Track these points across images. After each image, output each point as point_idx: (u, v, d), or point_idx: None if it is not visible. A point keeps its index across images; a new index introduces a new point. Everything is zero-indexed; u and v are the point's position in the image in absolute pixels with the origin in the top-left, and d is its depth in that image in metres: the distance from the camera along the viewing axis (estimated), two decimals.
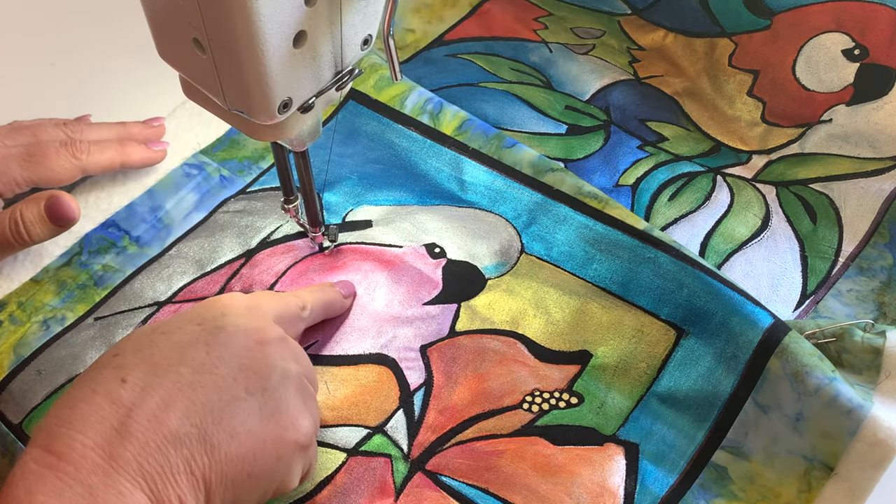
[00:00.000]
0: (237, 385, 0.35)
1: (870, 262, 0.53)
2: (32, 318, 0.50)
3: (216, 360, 0.35)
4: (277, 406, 0.36)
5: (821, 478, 0.42)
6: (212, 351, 0.36)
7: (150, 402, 0.33)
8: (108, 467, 0.31)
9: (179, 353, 0.35)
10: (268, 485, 0.36)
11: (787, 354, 0.44)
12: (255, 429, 0.35)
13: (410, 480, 0.44)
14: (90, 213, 0.55)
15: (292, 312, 0.43)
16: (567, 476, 0.43)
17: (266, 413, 0.36)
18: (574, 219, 0.53)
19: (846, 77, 0.58)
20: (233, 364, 0.36)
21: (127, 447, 0.32)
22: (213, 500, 0.34)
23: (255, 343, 0.37)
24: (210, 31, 0.33)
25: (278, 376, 0.37)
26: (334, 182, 0.57)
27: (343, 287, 0.49)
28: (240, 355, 0.36)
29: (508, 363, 0.48)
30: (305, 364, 0.40)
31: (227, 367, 0.35)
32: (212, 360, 0.35)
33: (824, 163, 0.58)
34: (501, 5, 0.69)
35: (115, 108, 0.60)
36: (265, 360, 0.37)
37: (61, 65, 0.59)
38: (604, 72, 0.64)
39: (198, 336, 0.36)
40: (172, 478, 0.33)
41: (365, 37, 0.39)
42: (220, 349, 0.36)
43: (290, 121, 0.39)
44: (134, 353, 0.35)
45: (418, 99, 0.59)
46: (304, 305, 0.45)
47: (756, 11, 0.61)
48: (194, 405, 0.34)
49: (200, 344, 0.36)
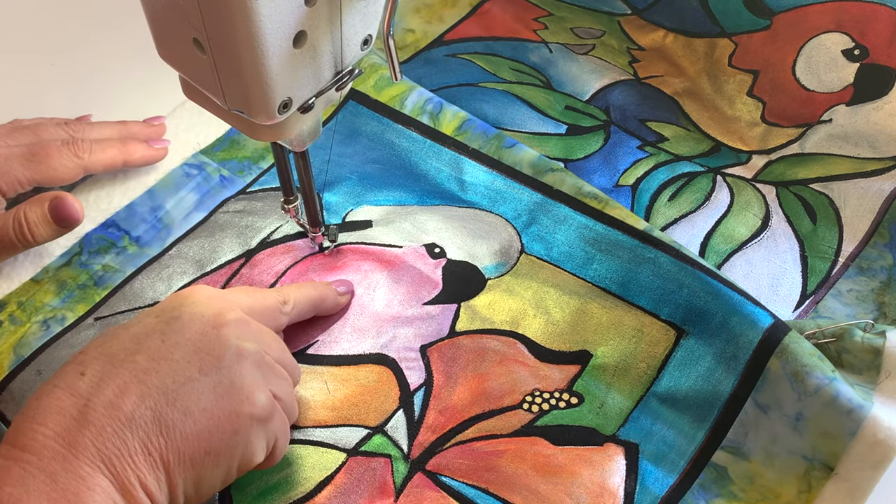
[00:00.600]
0: (191, 367, 0.36)
1: (870, 262, 0.53)
2: (32, 318, 0.50)
3: (171, 346, 0.37)
4: (231, 382, 0.37)
5: (821, 478, 0.42)
6: (167, 339, 0.37)
7: (106, 391, 0.35)
8: (68, 454, 0.33)
9: (136, 343, 0.37)
10: (229, 461, 0.37)
11: (787, 354, 0.44)
12: (209, 406, 0.36)
13: (410, 480, 0.44)
14: (90, 213, 0.55)
15: (269, 306, 0.43)
16: (567, 476, 0.43)
17: (220, 391, 0.37)
18: (574, 219, 0.53)
19: (846, 77, 0.58)
20: (187, 348, 0.37)
21: (85, 434, 0.34)
22: (174, 479, 0.35)
23: (211, 328, 0.38)
24: (210, 31, 0.33)
25: (232, 354, 0.37)
26: (334, 182, 0.57)
27: (340, 284, 0.49)
28: (194, 340, 0.37)
29: (508, 363, 0.48)
30: (274, 347, 0.40)
31: (181, 351, 0.37)
32: (167, 346, 0.37)
33: (824, 163, 0.58)
34: (501, 5, 0.69)
35: (116, 107, 0.60)
36: (219, 340, 0.38)
37: (61, 65, 0.59)
38: (604, 72, 0.64)
39: (154, 326, 0.38)
40: (130, 459, 0.34)
41: (365, 37, 0.39)
42: (174, 336, 0.37)
43: (290, 121, 0.39)
44: (95, 349, 0.37)
45: (418, 99, 0.59)
46: (286, 300, 0.45)
47: (756, 11, 0.61)
48: (149, 389, 0.35)
49: (156, 333, 0.37)
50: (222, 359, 0.37)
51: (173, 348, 0.37)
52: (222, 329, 0.38)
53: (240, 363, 0.38)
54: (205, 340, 0.37)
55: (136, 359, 0.36)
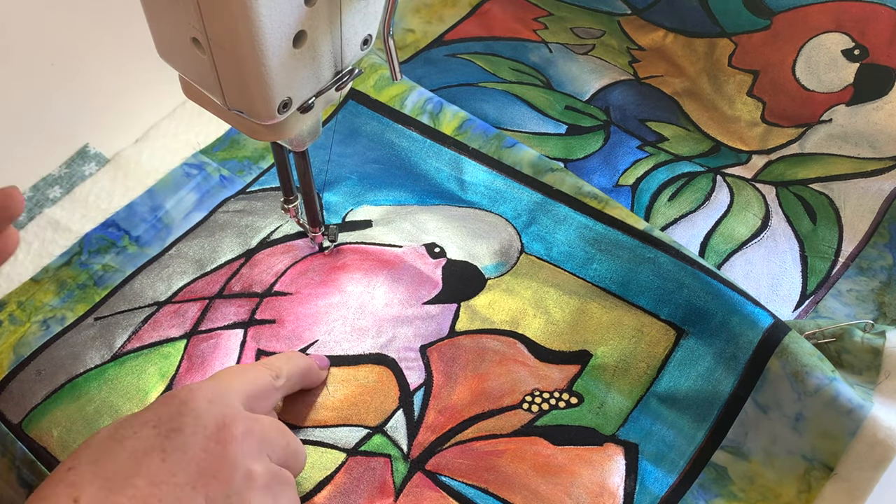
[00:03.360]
0: (196, 494, 0.33)
1: (870, 262, 0.53)
2: (32, 318, 0.50)
3: (173, 466, 0.33)
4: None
5: (821, 478, 0.42)
6: (168, 457, 0.33)
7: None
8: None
9: (135, 462, 0.33)
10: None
11: (787, 354, 0.44)
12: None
13: (410, 480, 0.44)
14: (90, 213, 0.55)
15: (264, 386, 0.41)
16: (567, 476, 0.43)
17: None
18: (574, 219, 0.53)
19: (846, 77, 0.58)
20: (191, 470, 0.33)
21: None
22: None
23: (216, 443, 0.35)
24: (210, 31, 0.33)
25: (241, 478, 0.34)
26: (334, 182, 0.57)
27: (317, 360, 0.47)
28: (198, 459, 0.34)
29: (508, 363, 0.48)
30: (279, 444, 0.38)
31: (184, 474, 0.33)
32: (168, 467, 0.33)
33: (824, 163, 0.58)
34: (501, 5, 0.69)
35: (116, 107, 0.60)
36: (226, 460, 0.34)
37: (61, 65, 0.59)
38: (604, 72, 0.64)
39: (153, 441, 0.34)
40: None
41: (365, 37, 0.39)
42: (176, 454, 0.34)
43: (290, 121, 0.39)
44: (88, 466, 0.33)
45: (418, 99, 0.59)
46: (279, 374, 0.42)
47: (756, 11, 0.61)
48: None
49: (156, 450, 0.34)
50: (231, 483, 0.34)
51: (176, 469, 0.33)
52: (229, 446, 0.35)
53: (249, 489, 0.34)
54: (210, 460, 0.34)
55: (136, 483, 0.32)
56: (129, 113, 0.59)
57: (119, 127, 0.60)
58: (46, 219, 0.55)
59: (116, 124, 0.60)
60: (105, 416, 0.45)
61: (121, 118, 0.58)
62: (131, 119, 0.59)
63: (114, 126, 0.60)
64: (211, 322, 0.49)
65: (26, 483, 0.45)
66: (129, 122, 0.60)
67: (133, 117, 0.59)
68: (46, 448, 0.45)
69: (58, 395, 0.46)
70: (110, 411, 0.45)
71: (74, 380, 0.47)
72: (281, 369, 0.42)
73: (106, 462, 0.33)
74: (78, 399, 0.46)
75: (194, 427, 0.35)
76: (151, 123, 0.61)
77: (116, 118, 0.58)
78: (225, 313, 0.50)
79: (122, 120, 0.59)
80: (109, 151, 0.59)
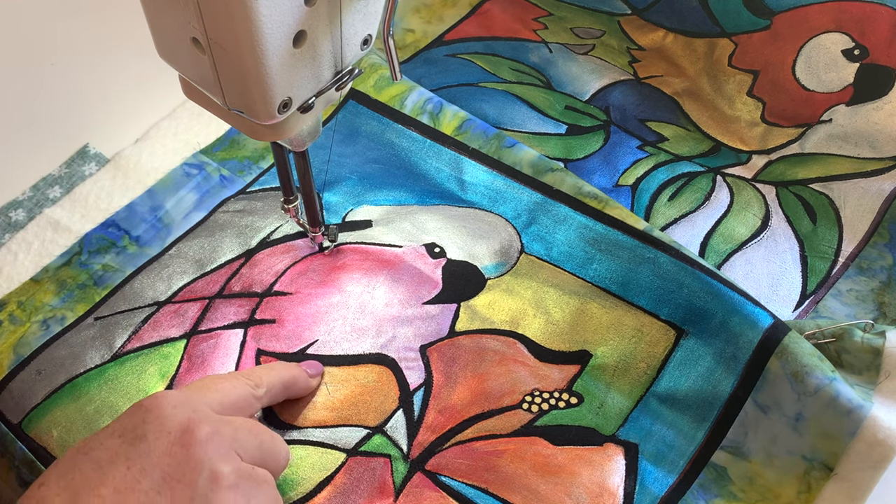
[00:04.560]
0: (162, 499, 0.33)
1: (870, 262, 0.53)
2: (32, 318, 0.50)
3: (137, 473, 0.33)
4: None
5: (820, 478, 0.42)
6: (133, 465, 0.33)
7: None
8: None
9: (100, 472, 0.33)
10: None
11: (787, 354, 0.44)
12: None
13: (410, 480, 0.44)
14: (90, 213, 0.56)
15: (240, 396, 0.40)
16: (567, 476, 0.43)
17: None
18: (574, 219, 0.53)
19: (846, 77, 0.58)
20: (155, 475, 0.33)
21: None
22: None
23: (179, 447, 0.34)
24: (210, 31, 0.33)
25: (206, 481, 0.34)
26: (334, 182, 0.57)
27: (309, 367, 0.46)
28: (162, 464, 0.34)
29: (508, 363, 0.48)
30: (251, 444, 0.37)
31: (149, 480, 0.33)
32: (133, 474, 0.33)
33: (824, 163, 0.58)
34: (501, 5, 0.69)
35: (116, 107, 0.60)
36: (190, 463, 0.34)
37: (61, 65, 0.59)
38: (604, 72, 0.64)
39: (118, 450, 0.34)
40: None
41: (365, 37, 0.39)
42: (140, 461, 0.34)
43: (290, 121, 0.39)
44: (57, 482, 0.33)
45: (418, 99, 0.59)
46: (258, 384, 0.42)
47: (756, 11, 0.61)
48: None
49: (121, 458, 0.34)
50: (195, 486, 0.33)
51: (140, 476, 0.33)
52: (192, 448, 0.34)
53: (215, 491, 0.34)
54: (174, 464, 0.34)
55: (101, 492, 0.32)
56: (129, 113, 0.59)
57: (119, 127, 0.60)
58: (46, 219, 0.55)
59: (116, 124, 0.60)
60: (105, 416, 0.45)
61: (121, 118, 0.58)
62: (131, 119, 0.59)
63: (114, 126, 0.60)
64: (211, 322, 0.49)
65: (25, 483, 0.45)
66: (129, 122, 0.60)
67: (133, 117, 0.59)
68: (46, 448, 0.45)
69: (58, 395, 0.46)
70: (110, 411, 0.45)
71: (74, 380, 0.47)
72: (261, 379, 0.42)
73: (73, 475, 0.33)
74: (78, 399, 0.46)
75: (158, 433, 0.34)
76: (151, 123, 0.61)
77: (116, 118, 0.58)
78: (225, 313, 0.50)
79: (122, 120, 0.59)
80: (109, 151, 0.59)
